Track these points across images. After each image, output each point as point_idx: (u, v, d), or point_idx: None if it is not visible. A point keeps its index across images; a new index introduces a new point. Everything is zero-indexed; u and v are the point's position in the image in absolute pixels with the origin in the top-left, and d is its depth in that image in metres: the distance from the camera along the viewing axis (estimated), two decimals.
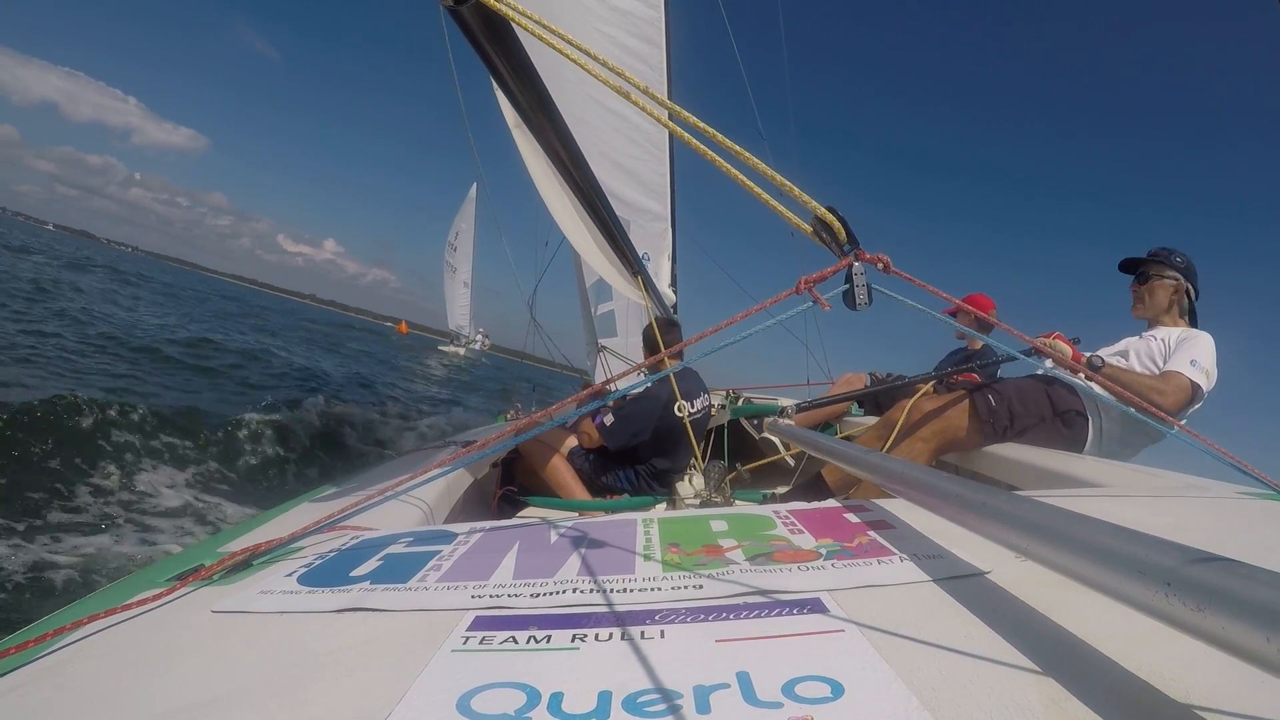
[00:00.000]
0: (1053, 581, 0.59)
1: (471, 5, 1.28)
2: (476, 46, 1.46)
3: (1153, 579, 0.44)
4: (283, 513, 1.32)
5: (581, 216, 2.92)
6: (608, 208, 2.69)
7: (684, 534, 0.97)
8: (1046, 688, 0.51)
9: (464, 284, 39.12)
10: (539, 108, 1.81)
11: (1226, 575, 0.40)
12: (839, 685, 0.52)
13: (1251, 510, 1.19)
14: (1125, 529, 0.51)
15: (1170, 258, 2.70)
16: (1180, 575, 0.42)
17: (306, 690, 0.57)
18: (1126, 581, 0.47)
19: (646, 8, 4.76)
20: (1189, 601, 0.41)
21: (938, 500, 0.83)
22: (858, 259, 1.06)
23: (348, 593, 0.78)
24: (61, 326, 10.41)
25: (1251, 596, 0.37)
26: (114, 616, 0.77)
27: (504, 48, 1.50)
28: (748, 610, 0.68)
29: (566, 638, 0.64)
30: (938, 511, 0.84)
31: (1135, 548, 0.48)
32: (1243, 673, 0.38)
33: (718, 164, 1.09)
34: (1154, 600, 0.44)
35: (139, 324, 13.14)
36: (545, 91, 1.75)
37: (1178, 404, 2.32)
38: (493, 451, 2.02)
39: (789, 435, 2.12)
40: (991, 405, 2.40)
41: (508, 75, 1.59)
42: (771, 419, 2.77)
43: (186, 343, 11.82)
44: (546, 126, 1.93)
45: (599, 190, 2.52)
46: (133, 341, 10.46)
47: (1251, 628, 0.37)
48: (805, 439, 1.83)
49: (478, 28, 1.39)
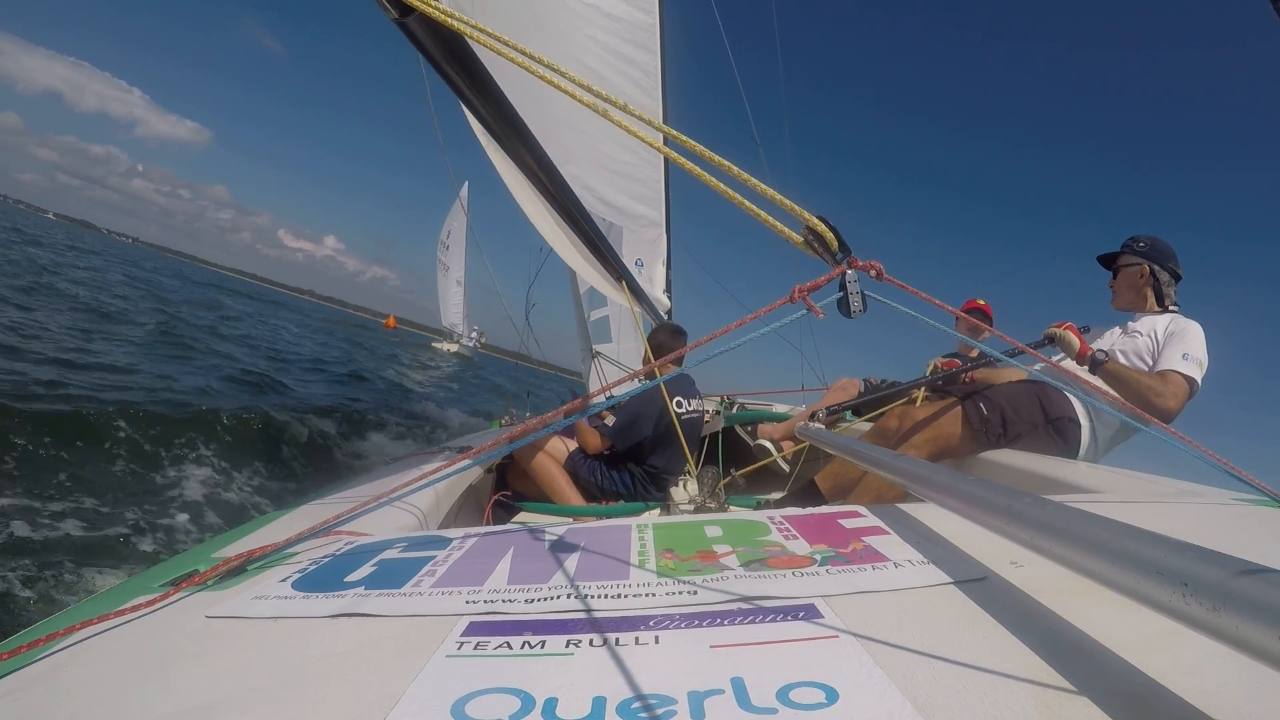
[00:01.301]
0: (1047, 587, 0.60)
1: (417, 18, 1.26)
2: (430, 60, 1.42)
3: (1170, 580, 0.45)
4: (277, 518, 1.32)
5: (560, 225, 2.91)
6: (586, 218, 2.66)
7: (678, 540, 0.98)
8: (1041, 693, 0.52)
9: (457, 283, 39.01)
10: (505, 124, 1.77)
11: (1242, 577, 0.41)
12: (833, 691, 0.52)
13: (1247, 518, 1.20)
14: (1144, 531, 0.51)
15: (1134, 245, 2.72)
16: (1198, 576, 0.43)
17: (301, 695, 0.57)
18: (1145, 582, 0.47)
19: (641, 14, 4.75)
20: (1205, 602, 0.42)
21: (963, 502, 0.83)
22: (850, 267, 1.06)
23: (342, 598, 0.78)
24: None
25: (1266, 597, 0.38)
26: (109, 622, 0.77)
27: (460, 63, 1.46)
28: (742, 616, 0.68)
29: (561, 643, 0.64)
30: (964, 514, 0.85)
31: (1154, 549, 0.48)
32: (1241, 678, 0.39)
33: (703, 179, 1.09)
34: (1172, 600, 0.45)
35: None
36: (510, 108, 1.71)
37: (1179, 405, 2.32)
38: (487, 458, 2.02)
39: (820, 439, 2.12)
40: (984, 413, 2.41)
41: (468, 91, 1.55)
42: (803, 423, 2.78)
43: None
44: (515, 142, 1.88)
45: (577, 203, 2.48)
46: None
47: (1266, 627, 0.38)
48: (834, 442, 1.84)
49: (429, 42, 1.35)
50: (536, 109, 1.93)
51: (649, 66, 4.91)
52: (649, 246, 5.46)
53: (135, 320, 12.11)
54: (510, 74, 1.59)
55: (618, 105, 1.14)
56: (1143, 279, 2.67)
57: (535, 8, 3.01)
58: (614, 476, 3.13)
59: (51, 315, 10.05)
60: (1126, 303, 2.72)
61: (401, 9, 1.25)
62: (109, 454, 4.95)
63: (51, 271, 16.59)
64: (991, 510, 0.74)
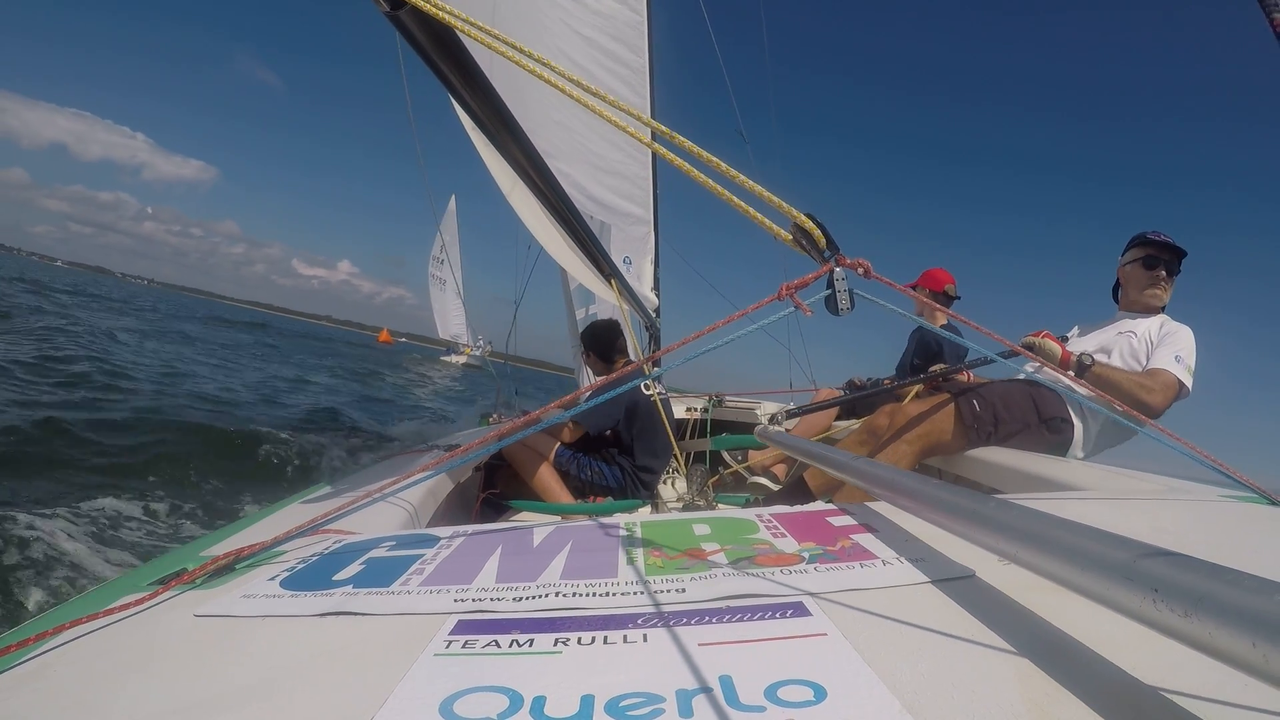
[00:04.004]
0: (1037, 584, 0.60)
1: (409, 10, 1.26)
2: (422, 54, 1.42)
3: (1140, 584, 0.45)
4: (266, 516, 1.31)
5: (551, 221, 2.91)
6: (576, 215, 2.66)
7: (666, 537, 0.98)
8: (1031, 690, 0.52)
9: (455, 295, 38.93)
10: (495, 118, 1.77)
11: (1214, 581, 0.41)
12: (821, 689, 0.53)
13: (1232, 514, 1.21)
14: (1112, 534, 0.51)
15: (1124, 253, 2.73)
16: (1168, 581, 0.43)
17: (289, 694, 0.57)
18: (1114, 587, 0.47)
19: (628, 10, 4.75)
20: (1177, 607, 0.41)
21: (922, 505, 0.84)
22: (838, 264, 1.07)
23: (330, 596, 0.78)
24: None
25: (1238, 603, 0.38)
26: (96, 621, 0.76)
27: (451, 56, 1.46)
28: (730, 614, 0.68)
29: (549, 641, 0.64)
30: (922, 516, 0.85)
31: (1122, 552, 0.48)
32: (1230, 672, 0.39)
33: (691, 175, 1.09)
34: (1142, 606, 0.44)
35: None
36: (500, 102, 1.71)
37: (1166, 401, 2.35)
38: (476, 456, 2.02)
39: (778, 442, 2.13)
40: (976, 410, 2.42)
41: (459, 85, 1.55)
42: (762, 425, 2.78)
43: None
44: (505, 137, 1.88)
45: (566, 200, 2.48)
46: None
47: (1238, 634, 0.37)
48: (793, 445, 1.85)
49: (420, 35, 1.35)
50: (525, 105, 1.93)
51: (637, 64, 4.91)
52: (637, 244, 5.46)
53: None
54: (500, 70, 1.58)
55: (607, 100, 1.13)
56: (1125, 276, 2.70)
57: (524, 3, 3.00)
58: (604, 471, 3.13)
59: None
60: (1163, 301, 2.64)
61: (394, 2, 1.25)
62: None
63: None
64: (953, 513, 0.74)
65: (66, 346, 10.70)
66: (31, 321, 13.57)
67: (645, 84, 5.03)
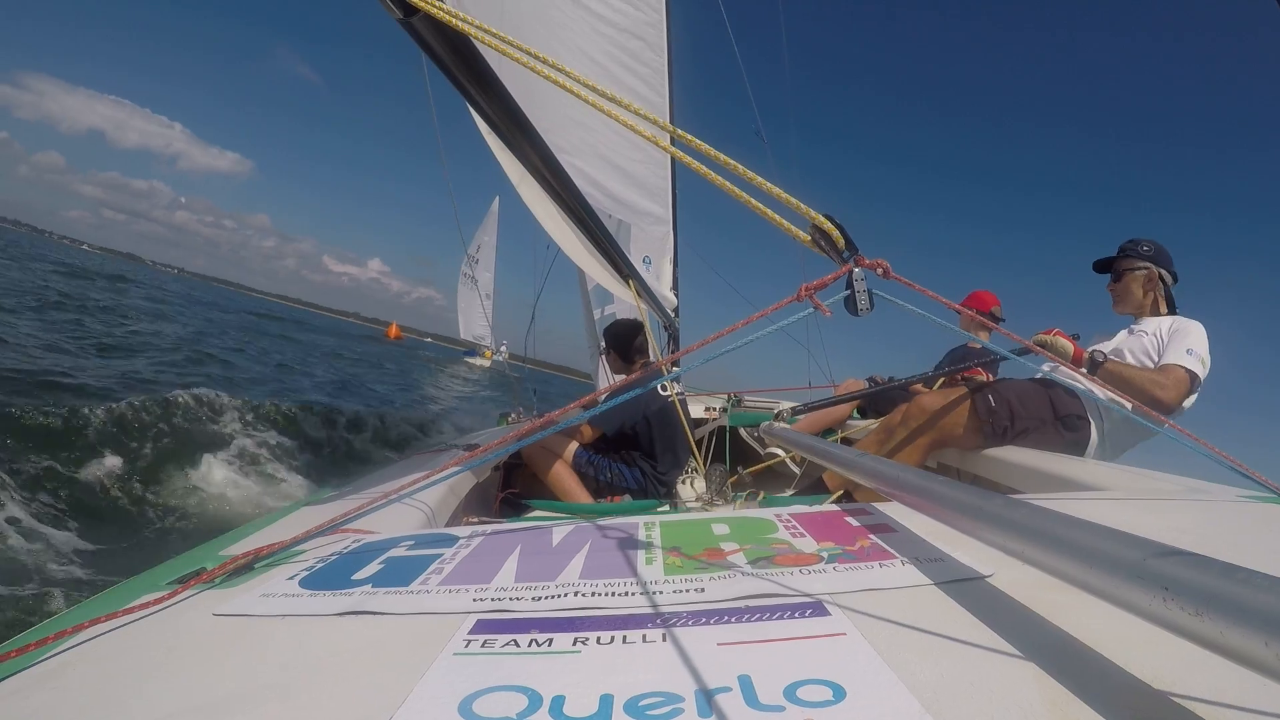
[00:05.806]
0: (1056, 584, 0.60)
1: (422, 18, 1.26)
2: (436, 60, 1.43)
3: (1151, 584, 0.44)
4: (285, 516, 1.32)
5: (568, 223, 2.91)
6: (593, 216, 2.66)
7: (685, 537, 0.98)
8: (1050, 691, 0.51)
9: (486, 296, 38.92)
10: (511, 122, 1.77)
11: (1225, 580, 0.40)
12: (841, 689, 0.52)
13: (1251, 514, 1.19)
14: (1122, 533, 0.51)
15: (1137, 248, 2.71)
16: (1179, 580, 0.42)
17: (308, 693, 0.57)
18: (1124, 586, 0.47)
19: (647, 11, 4.75)
20: (1188, 606, 0.41)
21: (932, 504, 0.83)
22: (857, 265, 1.06)
23: (349, 596, 0.79)
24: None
25: (1250, 602, 0.38)
26: (115, 620, 0.77)
27: (465, 62, 1.46)
28: (749, 613, 0.68)
29: (568, 641, 0.64)
30: (933, 515, 0.84)
31: (1133, 552, 0.48)
32: (1246, 674, 0.38)
33: (710, 178, 1.09)
34: (1152, 605, 0.44)
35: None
36: (516, 106, 1.71)
37: (1179, 396, 2.34)
38: (495, 456, 2.03)
39: (783, 439, 2.12)
40: (991, 405, 2.41)
41: (473, 90, 1.56)
42: (767, 423, 2.77)
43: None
44: (521, 141, 1.89)
45: (583, 201, 2.48)
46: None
47: (1251, 633, 0.37)
48: (799, 442, 1.83)
49: (435, 42, 1.36)
50: (541, 104, 1.93)
51: (657, 64, 4.90)
52: (657, 244, 5.46)
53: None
54: (516, 71, 1.59)
55: (623, 104, 1.13)
56: (1150, 283, 2.67)
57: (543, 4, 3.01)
58: (623, 472, 3.13)
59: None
60: (1133, 307, 2.71)
61: (406, 9, 1.26)
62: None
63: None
64: (958, 510, 0.74)
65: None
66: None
67: (664, 85, 5.02)
